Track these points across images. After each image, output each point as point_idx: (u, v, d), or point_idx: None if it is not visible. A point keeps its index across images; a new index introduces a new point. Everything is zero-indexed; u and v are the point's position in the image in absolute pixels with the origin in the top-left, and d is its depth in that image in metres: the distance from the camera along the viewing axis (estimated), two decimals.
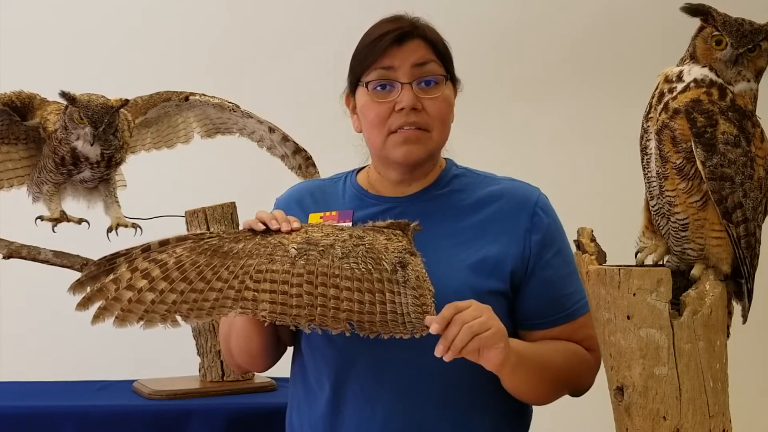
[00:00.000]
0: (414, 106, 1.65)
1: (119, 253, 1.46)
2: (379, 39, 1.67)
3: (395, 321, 1.48)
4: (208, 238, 1.49)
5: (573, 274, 1.64)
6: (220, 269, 1.46)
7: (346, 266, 1.49)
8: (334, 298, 1.47)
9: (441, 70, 1.69)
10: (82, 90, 2.13)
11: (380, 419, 1.63)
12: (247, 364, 1.80)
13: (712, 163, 1.32)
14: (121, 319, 1.42)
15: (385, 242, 1.55)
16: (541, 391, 1.64)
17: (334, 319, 1.46)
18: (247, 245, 1.50)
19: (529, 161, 3.23)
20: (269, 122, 2.36)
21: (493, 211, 1.70)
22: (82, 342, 3.14)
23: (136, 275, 1.43)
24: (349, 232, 1.56)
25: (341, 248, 1.51)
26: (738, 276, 1.40)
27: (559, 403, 1.75)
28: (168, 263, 1.44)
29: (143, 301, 1.42)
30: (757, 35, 1.35)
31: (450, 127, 1.73)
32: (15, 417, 2.13)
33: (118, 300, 1.42)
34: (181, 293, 1.43)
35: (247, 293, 1.45)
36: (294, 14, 3.42)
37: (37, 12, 3.32)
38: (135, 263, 1.44)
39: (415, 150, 1.68)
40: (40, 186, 2.27)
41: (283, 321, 1.45)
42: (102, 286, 1.42)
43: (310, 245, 1.51)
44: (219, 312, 1.45)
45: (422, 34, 1.69)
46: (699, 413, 1.33)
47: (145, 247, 1.46)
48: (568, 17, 3.51)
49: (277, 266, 1.47)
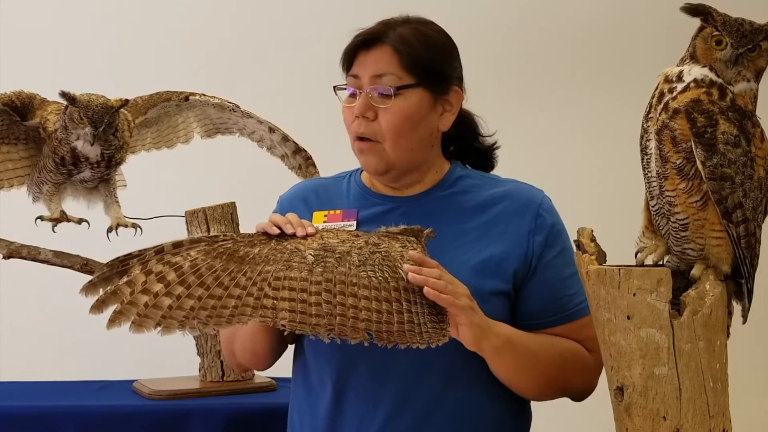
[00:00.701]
0: (363, 114, 1.66)
1: (132, 254, 1.43)
2: (350, 46, 1.69)
3: (412, 331, 1.47)
4: (222, 240, 1.47)
5: (575, 275, 1.63)
6: (238, 275, 1.43)
7: (363, 274, 1.47)
8: (352, 307, 1.45)
9: (398, 82, 1.65)
10: (82, 90, 2.13)
11: (382, 419, 1.63)
12: (250, 363, 1.80)
13: (712, 163, 1.32)
14: (138, 325, 1.39)
15: (401, 249, 1.53)
16: (529, 380, 1.63)
17: (353, 328, 1.44)
18: (263, 250, 1.47)
19: (529, 161, 3.22)
20: (269, 122, 2.36)
21: (497, 212, 1.70)
22: (82, 342, 3.14)
23: (150, 278, 1.40)
24: (365, 238, 1.54)
25: (358, 255, 1.49)
26: (738, 276, 1.40)
27: (560, 403, 1.75)
28: (183, 267, 1.42)
29: (160, 306, 1.39)
30: (757, 35, 1.34)
31: (412, 137, 1.67)
32: (15, 417, 2.13)
33: (134, 304, 1.39)
34: (198, 299, 1.41)
35: (267, 301, 1.43)
36: (294, 14, 3.42)
37: (37, 12, 3.32)
38: (149, 265, 1.41)
39: (370, 160, 1.69)
40: (40, 186, 2.27)
41: (303, 330, 1.43)
42: (116, 289, 1.39)
43: (326, 252, 1.49)
44: (239, 320, 1.42)
45: (391, 41, 1.66)
46: (699, 413, 1.33)
47: (159, 249, 1.43)
48: (568, 18, 3.51)
49: (294, 273, 1.45)
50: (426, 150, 1.71)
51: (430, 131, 1.70)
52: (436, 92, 1.69)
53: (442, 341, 1.48)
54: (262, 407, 2.19)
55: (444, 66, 1.70)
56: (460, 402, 1.64)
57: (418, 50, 1.66)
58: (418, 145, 1.69)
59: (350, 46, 1.69)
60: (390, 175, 1.71)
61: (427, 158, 1.72)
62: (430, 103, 1.68)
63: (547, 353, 1.64)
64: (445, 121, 1.72)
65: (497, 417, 1.67)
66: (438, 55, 1.70)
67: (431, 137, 1.71)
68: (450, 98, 1.71)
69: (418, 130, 1.68)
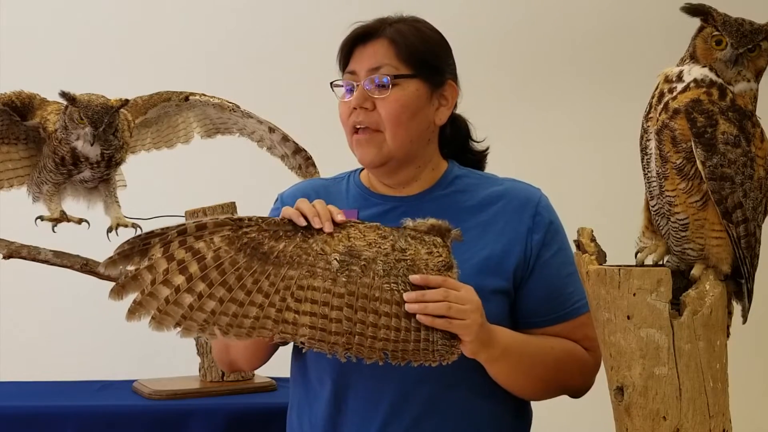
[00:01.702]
0: (361, 105, 1.67)
1: (154, 232, 1.40)
2: (346, 40, 1.71)
3: (426, 349, 1.48)
4: (247, 227, 1.44)
5: (573, 274, 1.64)
6: (261, 278, 1.41)
7: (386, 286, 1.46)
8: (372, 326, 1.44)
9: (395, 72, 1.67)
10: (82, 90, 2.13)
11: (382, 418, 1.63)
12: (244, 362, 1.79)
13: (712, 163, 1.32)
14: (158, 321, 1.37)
15: (426, 257, 1.51)
16: (525, 383, 1.64)
17: (371, 348, 1.44)
18: (288, 247, 1.45)
19: (529, 161, 3.23)
20: (269, 122, 2.36)
21: (496, 211, 1.70)
22: (82, 342, 3.14)
23: (172, 266, 1.38)
24: (392, 241, 1.51)
25: (383, 264, 1.47)
26: (738, 276, 1.40)
27: (560, 403, 1.75)
28: (206, 258, 1.39)
29: (181, 303, 1.38)
30: (757, 35, 1.34)
31: (411, 126, 1.68)
32: (15, 417, 2.13)
33: (155, 297, 1.37)
34: (220, 302, 1.39)
35: (288, 315, 1.41)
36: (294, 14, 3.42)
37: (38, 12, 3.32)
38: (171, 249, 1.38)
39: (368, 152, 1.69)
40: (40, 186, 2.27)
41: (320, 348, 1.43)
42: (137, 274, 1.37)
43: (352, 258, 1.46)
44: (259, 333, 1.41)
45: (388, 33, 1.69)
46: (699, 413, 1.33)
47: (182, 230, 1.40)
48: (567, 18, 3.51)
49: (318, 282, 1.43)
50: (423, 144, 1.72)
51: (427, 124, 1.72)
52: (432, 84, 1.71)
53: (452, 359, 1.49)
54: (262, 407, 2.19)
55: (439, 60, 1.73)
56: (460, 401, 1.64)
57: (415, 43, 1.69)
58: (417, 136, 1.70)
59: (347, 40, 1.71)
60: (387, 167, 1.71)
61: (424, 153, 1.73)
62: (427, 94, 1.70)
63: (545, 357, 1.64)
64: (441, 116, 1.73)
65: (497, 416, 1.68)
66: (433, 48, 1.72)
67: (428, 130, 1.73)
68: (445, 92, 1.73)
69: (416, 120, 1.69)
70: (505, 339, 1.58)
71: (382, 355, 1.45)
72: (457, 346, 1.50)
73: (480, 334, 1.50)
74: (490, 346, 1.54)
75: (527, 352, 1.61)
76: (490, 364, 1.58)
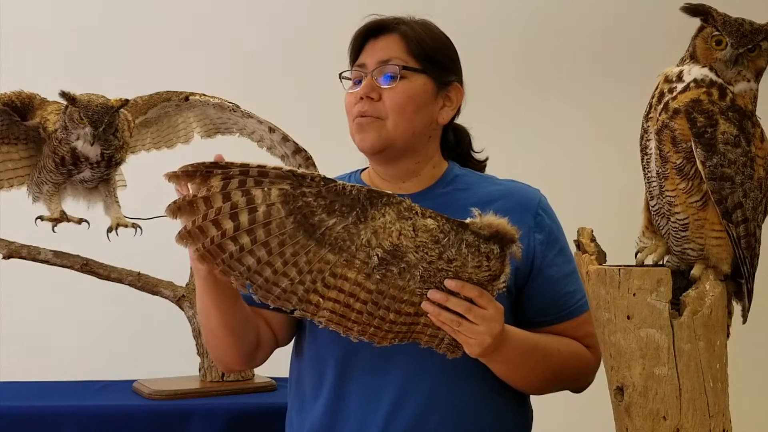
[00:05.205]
0: (368, 95, 1.69)
1: (218, 163, 1.41)
2: (358, 35, 1.74)
3: (431, 342, 1.54)
4: (307, 186, 1.40)
5: (574, 273, 1.67)
6: (300, 251, 1.41)
7: (418, 290, 1.47)
8: (390, 322, 1.48)
9: (404, 64, 1.70)
10: (82, 90, 2.13)
11: (383, 413, 1.64)
12: (231, 358, 1.75)
13: (712, 163, 1.32)
14: (201, 256, 1.41)
15: (471, 270, 1.46)
16: (525, 380, 1.66)
17: (383, 338, 1.50)
18: (337, 227, 1.41)
19: (529, 161, 3.23)
20: (269, 122, 2.36)
21: (496, 209, 1.69)
22: (82, 342, 3.14)
23: (225, 208, 1.38)
24: (442, 249, 1.44)
25: (423, 270, 1.45)
26: (738, 276, 1.40)
27: (560, 403, 1.75)
28: (257, 210, 1.39)
29: (224, 248, 1.40)
30: (757, 35, 1.35)
31: (415, 119, 1.71)
32: (15, 417, 2.13)
33: (203, 232, 1.39)
34: (258, 261, 1.40)
35: (313, 297, 1.44)
36: (294, 14, 3.42)
37: (38, 12, 3.32)
38: (229, 186, 1.38)
39: (368, 136, 1.70)
40: (40, 186, 2.27)
41: (335, 329, 1.48)
42: (194, 200, 1.39)
43: (394, 257, 1.44)
44: (282, 304, 1.45)
45: (400, 29, 1.72)
46: (699, 413, 1.33)
47: (244, 169, 1.39)
48: (567, 18, 3.51)
49: (352, 273, 1.44)
50: (425, 139, 1.74)
51: (430, 120, 1.74)
52: (439, 83, 1.73)
53: (454, 356, 1.55)
54: (262, 407, 2.19)
55: (447, 60, 1.76)
56: (461, 395, 1.65)
57: (425, 40, 1.72)
58: (419, 130, 1.72)
59: (359, 33, 1.74)
60: (385, 155, 1.72)
61: (425, 149, 1.75)
62: (433, 91, 1.73)
63: (550, 360, 1.65)
64: (445, 115, 1.76)
65: (498, 410, 1.68)
66: (442, 48, 1.75)
67: (430, 127, 1.75)
68: (451, 93, 1.76)
69: (420, 114, 1.71)
70: (516, 343, 1.58)
71: (393, 342, 1.51)
72: (461, 348, 1.53)
73: (485, 351, 1.51)
74: (496, 355, 1.55)
75: (528, 350, 1.62)
76: (490, 362, 1.60)
